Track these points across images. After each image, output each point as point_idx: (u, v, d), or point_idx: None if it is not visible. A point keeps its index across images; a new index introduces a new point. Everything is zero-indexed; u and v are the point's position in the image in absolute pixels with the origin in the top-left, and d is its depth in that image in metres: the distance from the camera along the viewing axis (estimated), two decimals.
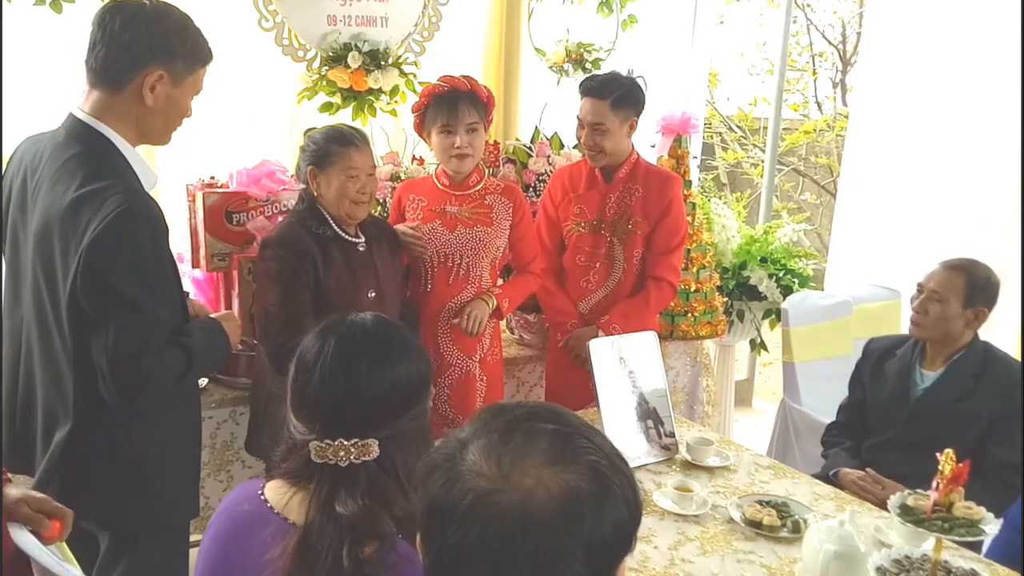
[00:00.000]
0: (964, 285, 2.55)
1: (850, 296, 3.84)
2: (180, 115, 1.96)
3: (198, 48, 1.92)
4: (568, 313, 3.06)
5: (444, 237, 2.77)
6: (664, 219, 3.00)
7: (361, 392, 1.32)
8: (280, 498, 1.35)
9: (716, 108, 7.62)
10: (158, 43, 1.85)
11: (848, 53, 7.75)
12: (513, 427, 0.92)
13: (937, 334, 2.60)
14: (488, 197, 2.83)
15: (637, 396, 2.52)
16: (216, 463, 2.85)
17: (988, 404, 2.54)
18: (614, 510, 0.88)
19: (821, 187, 7.77)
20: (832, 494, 2.35)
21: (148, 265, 1.81)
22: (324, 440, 1.31)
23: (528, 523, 0.84)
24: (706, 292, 3.67)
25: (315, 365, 1.34)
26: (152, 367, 1.82)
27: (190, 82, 1.92)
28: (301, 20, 3.25)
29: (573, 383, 2.98)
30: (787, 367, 3.69)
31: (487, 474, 0.87)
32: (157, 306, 1.83)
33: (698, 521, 2.16)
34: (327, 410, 1.32)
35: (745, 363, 5.31)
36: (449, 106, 2.67)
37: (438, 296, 2.80)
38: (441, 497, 0.89)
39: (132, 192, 1.81)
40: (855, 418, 2.84)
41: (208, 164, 3.14)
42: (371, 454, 1.31)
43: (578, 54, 3.93)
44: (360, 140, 2.50)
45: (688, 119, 3.60)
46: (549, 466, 0.87)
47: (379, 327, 1.39)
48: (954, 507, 1.71)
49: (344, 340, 1.35)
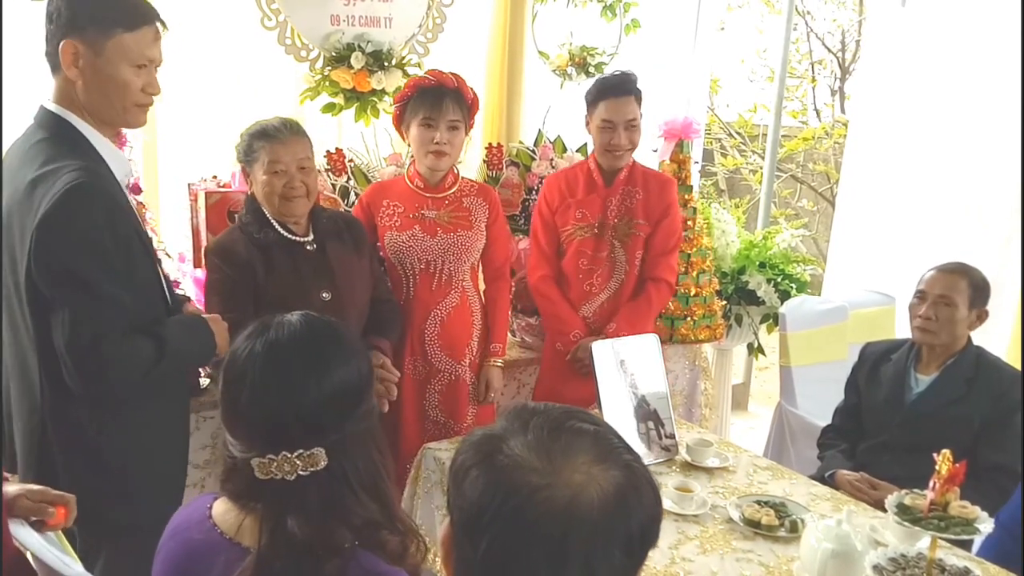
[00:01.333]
0: (968, 287, 2.61)
1: (846, 301, 3.88)
2: (122, 88, 1.82)
3: (109, 10, 1.78)
4: (571, 323, 3.02)
5: (425, 243, 2.72)
6: (663, 220, 3.03)
7: (298, 401, 1.20)
8: (230, 522, 1.26)
9: (716, 114, 7.65)
10: (64, 14, 1.76)
11: (847, 61, 7.78)
12: (559, 425, 0.93)
13: (946, 338, 2.63)
14: (465, 199, 2.80)
15: (638, 398, 2.54)
16: (217, 463, 2.86)
17: (981, 408, 2.57)
18: (649, 503, 0.92)
19: (819, 194, 7.80)
20: (828, 494, 2.38)
21: (103, 244, 1.73)
22: (266, 455, 1.20)
23: (582, 518, 0.86)
24: (705, 296, 3.69)
25: (244, 377, 1.22)
26: (113, 353, 1.75)
27: (113, 49, 1.78)
28: (304, 20, 3.25)
29: (567, 389, 2.99)
30: (784, 371, 3.71)
31: (539, 469, 0.88)
32: (117, 288, 1.75)
33: (698, 521, 2.18)
34: (264, 424, 1.21)
35: (742, 367, 5.34)
36: (433, 99, 2.62)
37: (422, 303, 2.76)
38: (488, 494, 0.89)
39: (87, 171, 1.73)
40: (850, 421, 2.87)
41: (210, 163, 3.15)
42: (319, 464, 1.21)
43: (581, 58, 3.95)
44: (285, 132, 2.33)
45: (690, 124, 3.62)
46: (597, 463, 0.90)
47: (310, 330, 1.27)
48: (950, 506, 1.73)
49: (272, 346, 1.23)
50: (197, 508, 1.32)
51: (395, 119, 2.78)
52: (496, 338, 2.90)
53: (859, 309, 3.87)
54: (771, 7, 7.31)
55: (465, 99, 2.69)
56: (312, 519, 1.20)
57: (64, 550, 1.51)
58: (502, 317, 2.93)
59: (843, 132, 6.50)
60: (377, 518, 1.26)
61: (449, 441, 2.63)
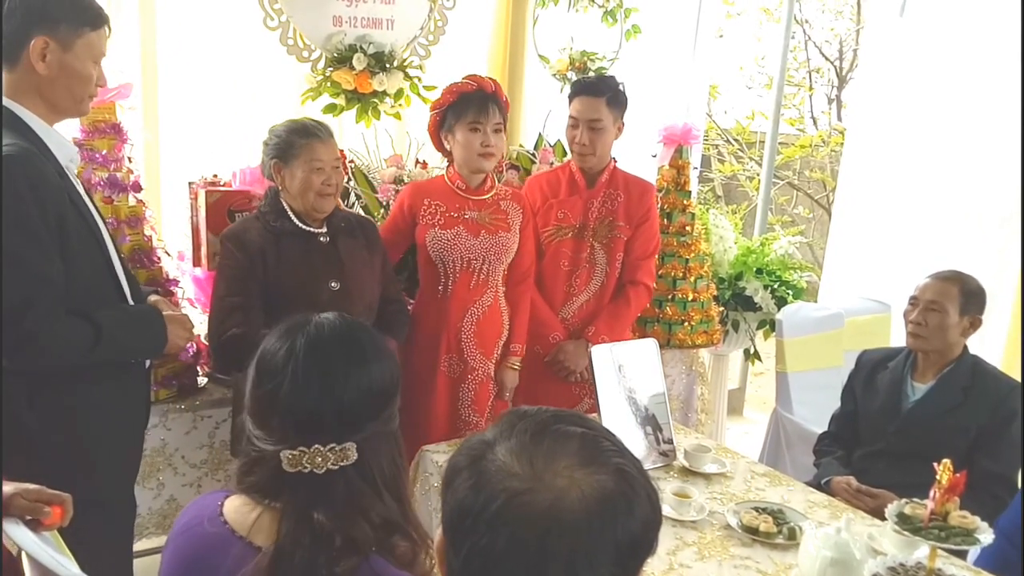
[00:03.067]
0: (959, 294, 2.62)
1: (842, 309, 3.89)
2: (84, 82, 1.93)
3: (81, 9, 1.90)
4: (550, 325, 3.03)
5: (469, 243, 2.75)
6: (643, 225, 3.05)
7: (338, 395, 1.24)
8: (243, 519, 1.26)
9: (714, 120, 7.68)
10: (35, 9, 1.85)
11: (844, 70, 7.81)
12: (543, 429, 0.92)
13: (936, 344, 2.64)
14: (502, 202, 2.84)
15: (636, 402, 2.54)
16: (214, 462, 2.86)
17: (977, 416, 2.59)
18: (642, 510, 0.89)
19: (815, 201, 7.82)
20: (826, 502, 2.38)
21: (31, 217, 1.77)
22: (298, 448, 1.22)
23: (562, 523, 0.84)
24: (703, 302, 3.70)
25: (284, 369, 1.25)
26: (39, 328, 1.78)
27: (82, 46, 1.90)
28: (307, 20, 3.26)
29: (547, 392, 2.99)
30: (780, 377, 3.72)
31: (520, 474, 0.87)
32: (44, 263, 1.78)
33: (696, 527, 2.18)
34: (302, 416, 1.23)
35: (737, 372, 5.36)
36: (479, 104, 2.66)
37: (459, 301, 2.78)
38: (470, 499, 0.88)
39: (19, 147, 1.79)
40: (846, 428, 2.88)
41: (211, 162, 3.15)
42: (349, 459, 1.24)
43: (581, 62, 3.96)
44: (324, 132, 2.45)
45: (689, 130, 3.63)
46: (581, 467, 0.88)
47: (349, 327, 1.33)
48: (950, 516, 1.74)
49: (314, 341, 1.27)
50: (207, 505, 1.33)
51: (433, 124, 2.78)
52: (516, 338, 2.93)
53: (855, 317, 3.89)
54: (770, 15, 7.33)
55: (502, 102, 2.74)
56: (338, 513, 1.22)
57: (59, 550, 1.50)
58: (523, 318, 2.95)
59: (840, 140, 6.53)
60: (396, 518, 1.28)
61: (447, 443, 2.63)
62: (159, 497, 2.81)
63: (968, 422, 2.59)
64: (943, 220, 4.12)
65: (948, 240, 4.06)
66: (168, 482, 2.82)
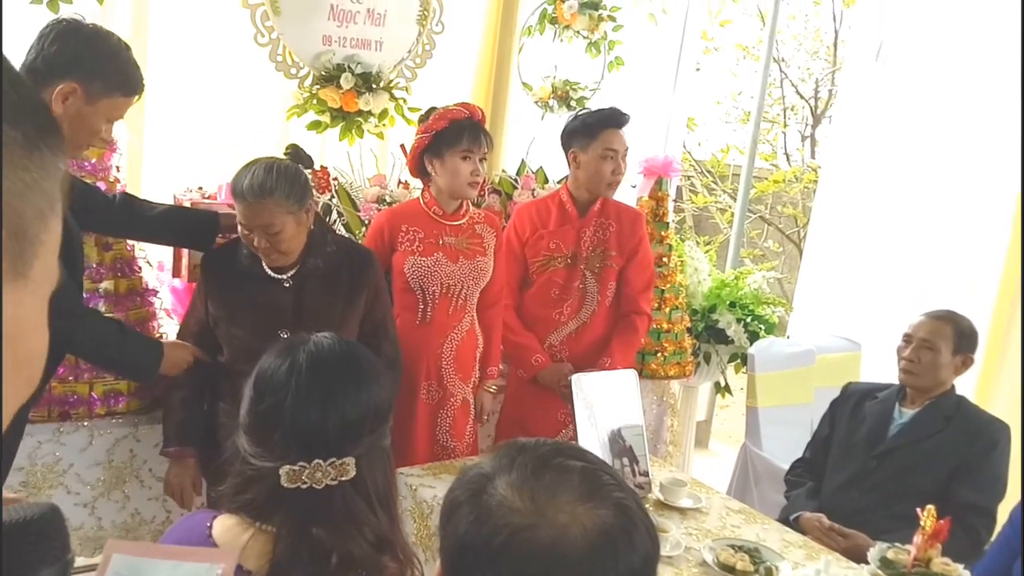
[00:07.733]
0: (952, 333, 2.67)
1: (814, 346, 3.93)
2: (89, 134, 1.95)
3: (123, 76, 1.94)
4: (531, 349, 3.03)
5: (448, 269, 2.74)
6: (636, 255, 3.07)
7: (340, 410, 1.26)
8: (233, 541, 1.25)
9: (689, 152, 7.77)
10: (81, 59, 1.87)
11: (819, 108, 7.96)
12: (543, 463, 0.91)
13: (928, 381, 2.70)
14: (477, 226, 2.84)
15: (613, 433, 2.54)
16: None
17: (956, 445, 2.63)
18: (642, 545, 0.88)
19: (786, 236, 7.93)
20: (801, 542, 2.39)
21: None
22: (298, 463, 1.23)
23: (565, 559, 0.84)
24: (677, 333, 3.72)
25: (287, 384, 1.26)
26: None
27: (106, 105, 1.93)
28: (296, 38, 3.25)
29: (531, 417, 3.00)
30: (750, 411, 3.75)
31: (521, 509, 0.86)
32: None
33: (672, 562, 2.17)
34: (304, 430, 1.25)
35: (705, 405, 5.39)
36: (472, 132, 2.67)
37: (439, 327, 2.77)
38: (472, 534, 0.87)
39: None
40: (822, 454, 2.92)
41: (195, 175, 3.13)
42: (348, 474, 1.26)
43: (564, 91, 3.99)
44: (253, 193, 2.16)
45: (670, 163, 3.68)
46: (582, 502, 0.87)
47: (348, 345, 1.37)
48: (932, 563, 1.76)
49: (316, 356, 1.30)
50: (195, 526, 1.32)
51: (419, 148, 2.72)
52: (492, 361, 2.94)
53: (825, 354, 3.93)
54: (747, 52, 7.46)
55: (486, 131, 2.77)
56: (337, 528, 1.24)
57: None
58: (497, 341, 2.97)
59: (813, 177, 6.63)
60: (388, 535, 1.30)
61: (421, 467, 2.61)
62: (123, 510, 2.76)
63: (948, 449, 2.63)
64: (914, 260, 4.20)
65: (918, 281, 4.13)
66: (133, 495, 2.77)
